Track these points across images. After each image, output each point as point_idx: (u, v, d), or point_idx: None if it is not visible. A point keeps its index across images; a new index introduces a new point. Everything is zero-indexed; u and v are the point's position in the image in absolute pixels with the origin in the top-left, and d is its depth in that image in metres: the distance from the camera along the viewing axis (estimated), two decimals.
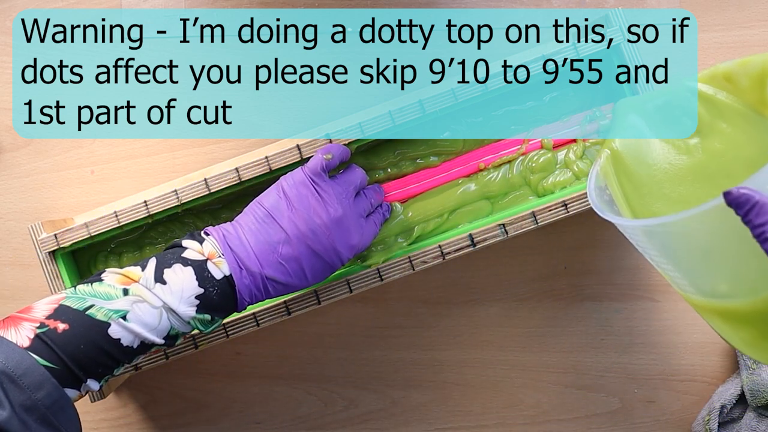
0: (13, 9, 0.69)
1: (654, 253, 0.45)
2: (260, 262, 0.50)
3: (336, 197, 0.52)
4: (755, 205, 0.38)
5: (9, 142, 0.69)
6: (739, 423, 0.66)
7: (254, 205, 0.52)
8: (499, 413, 0.69)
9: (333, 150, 0.54)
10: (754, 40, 0.69)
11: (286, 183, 0.52)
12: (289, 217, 0.50)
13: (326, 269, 0.52)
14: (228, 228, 0.51)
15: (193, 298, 0.48)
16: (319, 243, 0.50)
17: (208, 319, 0.49)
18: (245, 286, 0.49)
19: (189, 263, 0.49)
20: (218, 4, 0.69)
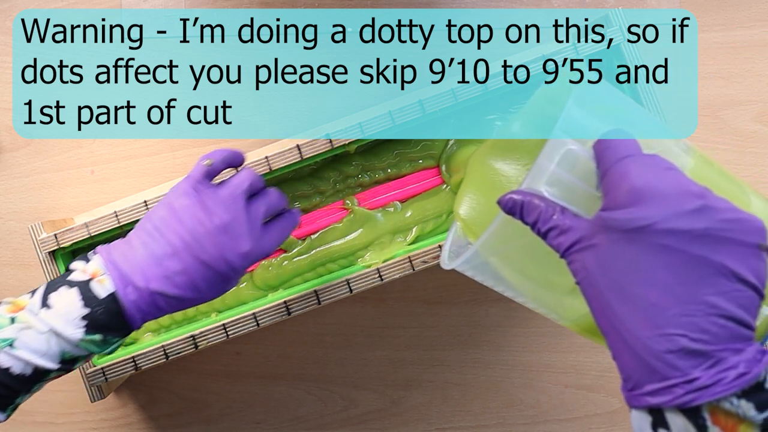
0: (13, 9, 0.69)
1: (500, 288, 0.45)
2: (146, 276, 0.48)
3: (221, 204, 0.50)
4: (522, 206, 0.39)
5: (9, 142, 0.69)
6: None
7: (143, 220, 0.50)
8: (499, 413, 0.69)
9: (214, 155, 0.52)
10: (754, 40, 0.69)
11: (172, 194, 0.51)
12: (174, 228, 0.49)
13: (220, 279, 0.50)
14: (116, 244, 0.50)
15: (79, 319, 0.47)
16: (206, 253, 0.48)
17: (98, 339, 0.48)
18: (131, 302, 0.48)
19: (74, 284, 0.48)
20: (218, 4, 0.69)
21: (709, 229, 0.34)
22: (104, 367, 0.59)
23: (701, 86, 0.69)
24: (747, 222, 0.35)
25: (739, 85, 0.69)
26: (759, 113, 0.69)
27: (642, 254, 0.35)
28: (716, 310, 0.34)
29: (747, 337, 0.34)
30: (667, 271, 0.34)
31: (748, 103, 0.69)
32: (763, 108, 0.69)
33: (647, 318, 0.34)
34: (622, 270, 0.35)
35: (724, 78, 0.69)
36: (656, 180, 0.35)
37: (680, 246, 0.34)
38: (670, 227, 0.34)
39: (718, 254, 0.34)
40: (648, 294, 0.34)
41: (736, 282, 0.34)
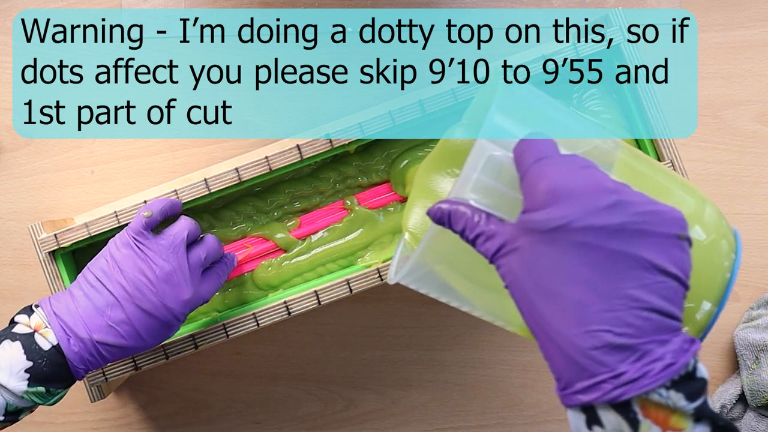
0: (13, 9, 0.69)
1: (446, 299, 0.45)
2: (89, 327, 0.49)
3: (161, 253, 0.51)
4: (449, 215, 0.39)
5: (9, 142, 0.69)
6: (739, 423, 0.66)
7: (85, 271, 0.52)
8: (499, 413, 0.69)
9: (153, 206, 0.54)
10: (754, 40, 0.69)
11: (113, 246, 0.52)
12: (116, 279, 0.50)
13: (162, 327, 0.51)
14: (59, 297, 0.51)
15: (23, 372, 0.48)
16: (148, 302, 0.50)
17: (42, 391, 0.49)
18: (75, 354, 0.49)
19: (17, 338, 0.49)
20: (218, 4, 0.69)
21: (625, 223, 0.35)
22: (104, 367, 0.59)
23: (701, 86, 0.69)
24: (664, 214, 0.35)
25: (739, 85, 0.69)
26: (759, 113, 0.69)
27: (562, 253, 0.35)
28: (639, 303, 0.34)
29: (673, 327, 0.35)
30: (588, 268, 0.34)
31: (748, 103, 0.69)
32: (763, 108, 0.69)
33: (572, 316, 0.34)
34: (545, 270, 0.35)
35: (724, 78, 0.69)
36: (571, 179, 0.36)
37: (598, 242, 0.34)
38: (586, 224, 0.34)
39: (637, 247, 0.34)
40: (571, 292, 0.35)
41: (658, 274, 0.34)
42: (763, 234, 0.69)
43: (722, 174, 0.69)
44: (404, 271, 0.43)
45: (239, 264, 0.62)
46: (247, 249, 0.62)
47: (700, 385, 0.34)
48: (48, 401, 0.50)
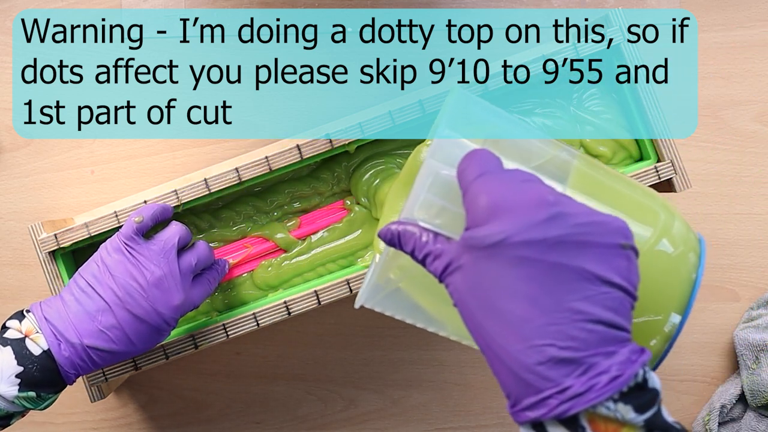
0: (13, 9, 0.69)
1: (411, 320, 0.44)
2: (79, 332, 0.49)
3: (152, 259, 0.52)
4: (399, 236, 0.39)
5: (9, 142, 0.69)
6: (739, 423, 0.66)
7: (76, 276, 0.52)
8: (499, 413, 0.69)
9: (144, 212, 0.54)
10: (754, 40, 0.69)
11: (104, 251, 0.52)
12: (107, 284, 0.50)
13: (152, 332, 0.51)
14: (49, 302, 0.51)
15: (13, 377, 0.48)
16: (138, 306, 0.50)
17: (33, 396, 0.49)
18: (65, 358, 0.49)
19: (8, 343, 0.49)
20: (218, 4, 0.69)
21: (564, 235, 0.34)
22: (104, 367, 0.59)
23: (701, 86, 0.69)
24: (606, 224, 0.35)
25: (739, 85, 0.69)
26: (759, 113, 0.69)
27: (503, 269, 0.34)
28: (582, 316, 0.33)
29: (620, 338, 0.34)
30: (529, 282, 0.34)
31: (748, 103, 0.69)
32: (763, 108, 0.69)
33: (515, 332, 0.34)
34: (487, 287, 0.35)
35: (724, 78, 0.69)
36: (509, 194, 0.35)
37: (538, 256, 0.34)
38: (524, 239, 0.34)
39: (577, 259, 0.34)
40: (513, 308, 0.34)
41: (601, 285, 0.34)
42: (763, 234, 0.69)
43: (722, 174, 0.69)
44: (365, 294, 0.42)
45: (239, 264, 0.62)
46: (247, 249, 0.62)
47: (650, 396, 0.34)
48: (38, 406, 0.50)
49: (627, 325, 0.35)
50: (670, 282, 0.41)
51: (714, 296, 0.69)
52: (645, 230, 0.42)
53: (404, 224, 0.39)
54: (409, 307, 0.44)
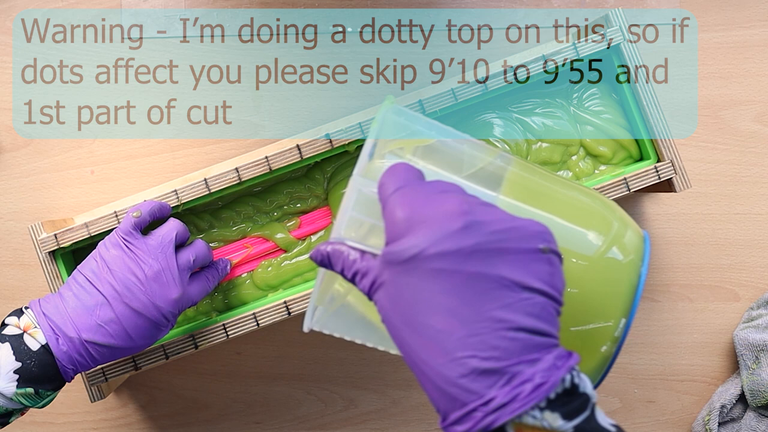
0: (13, 9, 0.69)
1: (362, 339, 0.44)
2: (77, 326, 0.49)
3: (150, 253, 0.52)
4: (328, 257, 0.39)
5: (9, 142, 0.69)
6: (739, 423, 0.66)
7: (75, 273, 0.52)
8: None
9: (142, 207, 0.54)
10: (754, 40, 0.69)
11: (103, 247, 0.52)
12: (106, 279, 0.51)
13: (151, 326, 0.51)
14: (48, 298, 0.51)
15: (12, 373, 0.48)
16: (137, 300, 0.50)
17: (31, 392, 0.49)
18: (63, 353, 0.49)
19: (6, 339, 0.49)
20: (218, 4, 0.69)
21: (479, 244, 0.34)
22: (104, 367, 0.59)
23: (701, 86, 0.69)
24: (522, 229, 0.35)
25: (739, 85, 0.69)
26: (759, 113, 0.69)
27: (420, 283, 0.34)
28: (503, 324, 0.33)
29: (544, 345, 0.33)
30: (448, 294, 0.33)
31: (748, 103, 0.69)
32: (763, 108, 0.69)
33: (437, 346, 0.33)
34: (407, 302, 0.34)
35: (724, 78, 0.69)
36: (424, 206, 0.35)
37: (454, 267, 0.33)
38: (439, 250, 0.34)
39: (495, 267, 0.33)
40: (433, 321, 0.33)
41: (521, 291, 0.33)
42: (763, 234, 0.69)
43: (722, 174, 0.69)
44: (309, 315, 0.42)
45: (239, 264, 0.62)
46: (247, 249, 0.62)
47: (581, 401, 0.33)
48: (37, 404, 0.50)
49: (552, 331, 0.34)
50: (620, 289, 0.41)
51: (714, 296, 0.69)
52: (596, 238, 0.42)
53: (333, 244, 0.39)
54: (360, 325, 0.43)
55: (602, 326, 0.41)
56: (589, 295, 0.40)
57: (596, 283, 0.40)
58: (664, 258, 0.69)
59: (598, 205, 0.44)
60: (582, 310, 0.41)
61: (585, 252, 0.42)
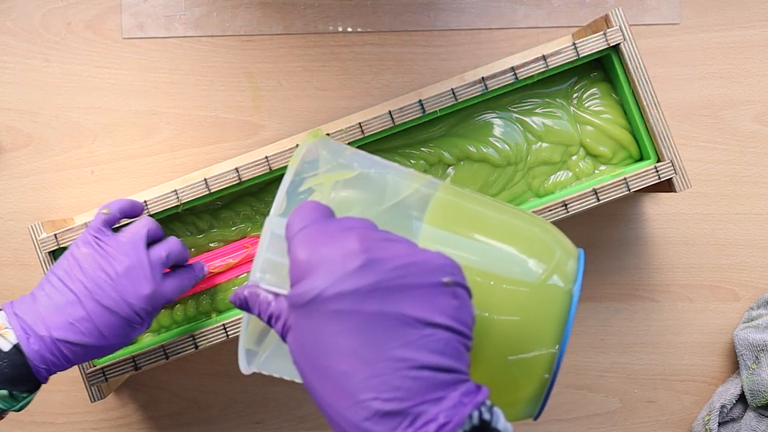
0: (13, 9, 0.69)
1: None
2: (48, 325, 0.49)
3: (120, 250, 0.51)
4: (245, 301, 0.38)
5: (9, 142, 0.69)
6: (739, 423, 0.66)
7: (48, 274, 0.52)
8: None
9: (111, 205, 0.54)
10: (754, 40, 0.69)
11: (75, 246, 0.52)
12: (77, 277, 0.50)
13: (123, 324, 0.50)
14: (21, 299, 0.51)
15: None
16: (108, 297, 0.50)
17: (5, 394, 0.48)
18: (35, 352, 0.48)
19: None
20: (218, 4, 0.69)
21: (378, 282, 0.33)
22: (104, 367, 0.59)
23: (701, 86, 0.69)
24: (423, 263, 0.34)
25: (739, 85, 0.69)
26: (759, 113, 0.69)
27: (321, 325, 0.33)
28: (405, 363, 0.32)
29: (449, 382, 0.32)
30: (349, 335, 0.32)
31: (748, 103, 0.69)
32: (763, 108, 0.69)
33: (341, 389, 0.32)
34: (311, 345, 0.34)
35: (724, 78, 0.69)
36: (324, 246, 0.34)
37: (354, 307, 0.33)
38: (338, 291, 0.33)
39: (395, 305, 0.33)
40: (336, 364, 0.33)
41: (424, 327, 0.33)
42: (763, 234, 0.69)
43: (722, 174, 0.69)
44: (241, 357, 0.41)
45: (239, 264, 0.62)
46: (246, 249, 0.62)
47: None
48: (13, 407, 0.49)
49: (458, 366, 0.33)
50: (562, 315, 0.41)
51: (714, 296, 0.69)
52: (537, 265, 0.41)
53: (249, 287, 0.38)
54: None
55: (545, 353, 0.40)
56: (530, 322, 0.40)
57: (537, 310, 0.39)
58: (664, 258, 0.69)
59: (539, 230, 0.44)
60: (522, 337, 0.40)
61: (526, 279, 0.41)
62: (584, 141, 0.62)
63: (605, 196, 0.59)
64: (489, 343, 0.39)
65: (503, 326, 0.39)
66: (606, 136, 0.62)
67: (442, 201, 0.43)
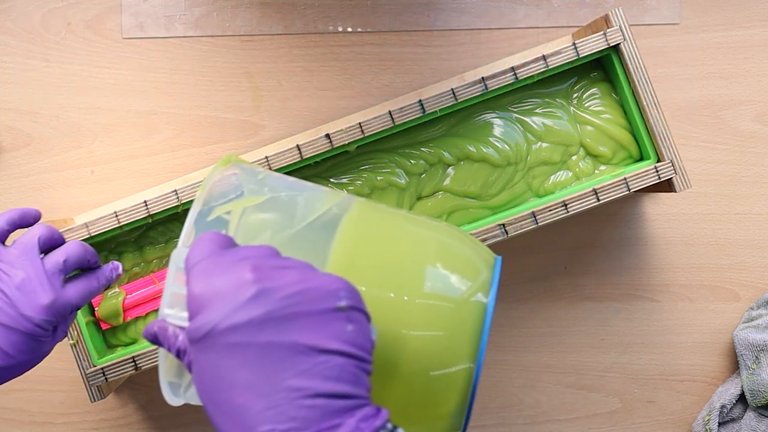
0: (13, 9, 0.69)
1: None
2: None
3: (13, 262, 0.49)
4: (155, 336, 0.38)
5: (9, 142, 0.69)
6: (739, 423, 0.66)
7: None
8: (499, 413, 0.69)
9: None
10: (754, 40, 0.69)
11: None
12: None
13: (27, 339, 0.48)
14: None
15: None
16: (4, 315, 0.47)
17: None
18: None
19: None
20: (218, 4, 0.69)
21: (270, 312, 0.33)
22: (104, 367, 0.59)
23: (701, 86, 0.69)
24: (315, 290, 0.34)
25: (739, 85, 0.69)
26: (759, 113, 0.69)
27: (218, 359, 0.33)
28: (300, 392, 0.32)
29: (347, 408, 0.32)
30: (244, 368, 0.32)
31: (748, 103, 0.69)
32: (763, 108, 0.69)
33: (239, 423, 0.32)
34: (209, 380, 0.33)
35: (724, 78, 0.69)
36: (218, 279, 0.34)
37: (247, 339, 0.32)
38: (230, 324, 0.33)
39: (288, 333, 0.33)
40: (233, 397, 0.33)
41: (318, 355, 0.32)
42: (763, 234, 0.69)
43: (722, 174, 0.69)
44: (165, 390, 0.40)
45: None
46: None
47: None
48: None
49: (355, 391, 0.33)
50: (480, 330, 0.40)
51: (714, 296, 0.69)
52: (461, 281, 0.41)
53: (159, 322, 0.38)
54: None
55: (467, 367, 0.40)
56: (455, 337, 0.40)
57: (462, 325, 0.39)
58: (664, 258, 0.69)
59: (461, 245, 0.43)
60: (446, 352, 0.40)
61: (450, 295, 0.40)
62: (584, 141, 0.62)
63: (605, 196, 0.59)
64: (409, 359, 0.39)
65: (426, 342, 0.39)
66: (606, 136, 0.62)
67: (356, 219, 0.42)
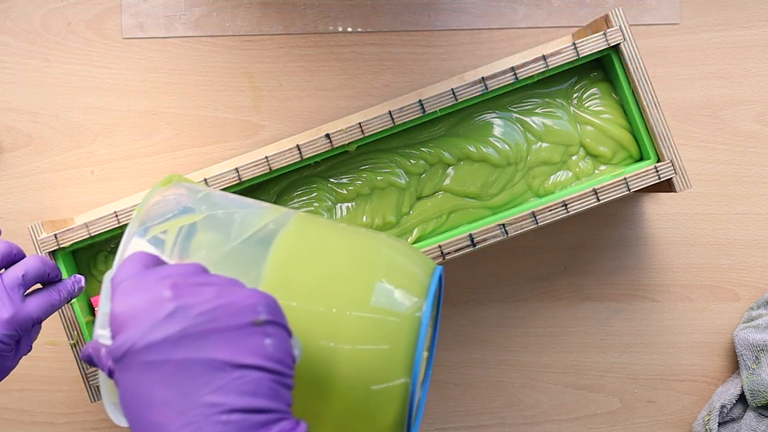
0: (13, 9, 0.69)
1: None
2: None
3: None
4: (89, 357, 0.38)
5: (9, 142, 0.69)
6: (739, 423, 0.66)
7: None
8: (499, 413, 0.69)
9: None
10: (754, 40, 0.69)
11: None
12: None
13: None
14: None
15: None
16: None
17: None
18: None
19: None
20: (218, 4, 0.69)
21: (185, 329, 0.33)
22: None
23: (701, 86, 0.69)
24: (231, 305, 0.34)
25: (739, 85, 0.69)
26: (759, 113, 0.69)
27: (137, 378, 0.33)
28: (216, 409, 0.32)
29: (263, 422, 0.32)
30: (161, 385, 0.33)
31: (748, 103, 0.69)
32: (763, 108, 0.69)
33: None
34: (129, 398, 0.34)
35: (724, 78, 0.69)
36: (137, 298, 0.34)
37: (163, 356, 0.33)
38: (147, 342, 0.33)
39: (204, 350, 0.33)
40: (152, 415, 0.33)
41: (233, 370, 0.33)
42: (763, 234, 0.69)
43: (722, 174, 0.69)
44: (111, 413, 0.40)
45: None
46: None
47: None
48: None
49: (272, 405, 0.33)
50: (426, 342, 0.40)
51: (714, 296, 0.69)
52: (405, 296, 0.41)
53: (93, 343, 0.38)
54: None
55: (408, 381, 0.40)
56: (401, 351, 0.40)
57: (408, 339, 0.39)
58: (664, 258, 0.69)
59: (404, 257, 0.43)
60: (392, 365, 0.40)
61: (396, 309, 0.40)
62: (584, 141, 0.62)
63: (605, 196, 0.59)
64: (348, 373, 0.39)
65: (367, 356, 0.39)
66: (606, 136, 0.62)
67: (291, 235, 0.43)
